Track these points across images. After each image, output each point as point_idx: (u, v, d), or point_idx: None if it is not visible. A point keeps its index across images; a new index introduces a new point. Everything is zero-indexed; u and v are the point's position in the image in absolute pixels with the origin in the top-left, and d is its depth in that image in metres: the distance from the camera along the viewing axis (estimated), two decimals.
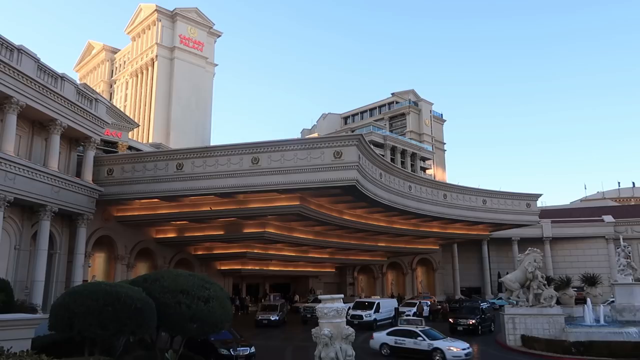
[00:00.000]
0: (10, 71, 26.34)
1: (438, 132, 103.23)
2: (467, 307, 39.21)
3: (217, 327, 17.59)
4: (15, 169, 27.14)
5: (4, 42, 25.98)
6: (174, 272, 18.48)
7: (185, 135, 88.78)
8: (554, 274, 57.06)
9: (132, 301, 14.98)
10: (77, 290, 15.96)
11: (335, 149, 32.18)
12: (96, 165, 35.91)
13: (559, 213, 76.06)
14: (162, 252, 44.80)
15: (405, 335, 26.54)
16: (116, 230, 39.89)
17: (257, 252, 47.47)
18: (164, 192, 35.15)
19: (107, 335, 14.94)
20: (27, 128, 30.40)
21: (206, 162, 34.10)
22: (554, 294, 30.07)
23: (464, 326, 34.91)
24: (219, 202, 36.73)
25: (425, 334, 26.06)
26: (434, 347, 24.96)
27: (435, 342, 25.33)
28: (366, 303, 41.15)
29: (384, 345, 27.01)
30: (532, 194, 56.13)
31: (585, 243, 70.39)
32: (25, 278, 29.79)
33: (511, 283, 30.66)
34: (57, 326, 15.17)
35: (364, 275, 70.80)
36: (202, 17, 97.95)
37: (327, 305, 15.57)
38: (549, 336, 27.63)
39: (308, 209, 37.29)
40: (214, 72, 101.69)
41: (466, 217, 51.16)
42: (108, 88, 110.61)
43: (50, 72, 29.85)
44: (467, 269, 71.08)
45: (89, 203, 34.20)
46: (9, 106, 27.00)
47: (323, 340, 14.98)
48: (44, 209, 29.91)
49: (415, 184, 45.37)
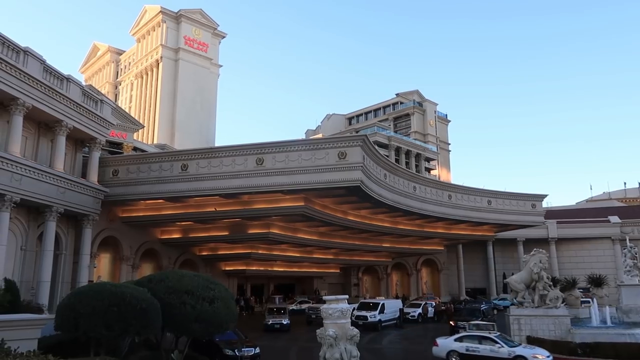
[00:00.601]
0: (17, 73, 26.50)
1: (442, 132, 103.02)
2: (467, 309, 38.38)
3: (222, 327, 17.60)
4: (22, 170, 27.29)
5: (10, 44, 26.14)
6: (178, 273, 18.50)
7: (190, 136, 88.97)
8: (560, 275, 56.82)
9: (137, 302, 15.01)
10: (82, 290, 16.02)
11: (340, 150, 32.18)
12: (101, 166, 36.07)
13: (564, 214, 75.71)
14: (167, 252, 44.93)
15: (479, 341, 24.38)
16: (121, 231, 40.04)
17: (261, 253, 47.56)
18: (168, 193, 35.27)
19: (112, 335, 14.98)
20: (33, 129, 30.56)
21: (211, 163, 34.18)
22: (560, 295, 29.92)
23: None
24: (223, 202, 36.80)
25: (504, 341, 24.23)
26: (517, 355, 22.96)
27: (516, 350, 23.44)
28: (371, 304, 41.05)
29: (452, 352, 24.76)
30: (538, 195, 55.92)
31: (591, 244, 70.05)
32: (31, 278, 29.94)
33: (516, 284, 30.51)
34: (62, 326, 15.23)
35: (369, 275, 70.74)
36: (206, 19, 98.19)
37: (331, 306, 15.54)
38: (555, 337, 27.47)
39: (312, 210, 37.30)
40: (218, 73, 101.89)
41: (471, 217, 51.03)
42: (113, 89, 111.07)
43: (56, 74, 30.00)
44: (472, 269, 70.90)
45: (94, 204, 34.35)
46: (15, 107, 27.16)
47: (328, 341, 14.96)
48: (50, 209, 30.06)
49: (420, 184, 45.30)
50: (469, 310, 37.88)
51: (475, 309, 38.28)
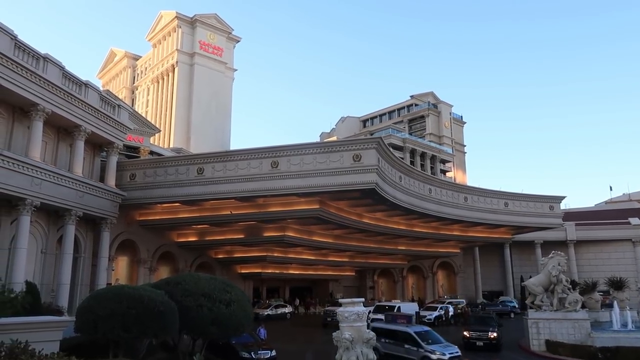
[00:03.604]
0: (37, 79, 26.99)
1: (458, 134, 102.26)
2: (477, 318, 33.97)
3: (238, 330, 17.72)
4: (42, 174, 27.76)
5: (30, 51, 26.65)
6: (195, 276, 18.67)
7: (206, 139, 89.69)
8: (579, 278, 55.93)
9: (155, 304, 15.17)
10: (101, 293, 16.27)
11: (355, 152, 32.16)
12: (119, 170, 36.53)
13: (583, 215, 74.45)
14: (184, 255, 45.29)
15: None
16: (138, 234, 40.47)
17: (276, 256, 47.64)
18: (185, 196, 35.58)
19: (130, 337, 15.16)
20: (52, 134, 31.09)
21: (226, 167, 34.41)
22: (579, 298, 29.49)
23: (484, 341, 29.73)
24: (239, 205, 36.99)
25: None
26: None
27: None
28: (387, 307, 40.85)
29: None
30: (555, 196, 55.14)
31: (611, 246, 68.80)
32: (51, 281, 30.41)
33: (534, 287, 30.14)
34: (82, 328, 15.47)
35: (384, 278, 70.42)
36: (221, 23, 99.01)
37: (347, 309, 15.52)
38: (574, 341, 27.08)
39: (327, 213, 37.30)
40: (233, 76, 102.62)
41: (487, 220, 50.52)
42: (130, 94, 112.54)
43: (75, 80, 30.50)
44: (489, 272, 70.12)
45: (112, 207, 34.78)
46: (35, 113, 27.65)
47: (344, 344, 14.94)
48: (69, 213, 30.51)
49: (435, 186, 45.02)
50: (480, 319, 33.01)
51: (488, 317, 33.57)
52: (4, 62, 24.61)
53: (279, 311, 49.27)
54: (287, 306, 51.62)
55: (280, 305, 51.23)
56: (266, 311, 48.03)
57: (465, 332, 30.87)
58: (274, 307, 49.90)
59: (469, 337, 30.14)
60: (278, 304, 51.39)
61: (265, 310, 48.46)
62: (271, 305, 50.35)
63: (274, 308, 49.78)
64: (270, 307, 49.68)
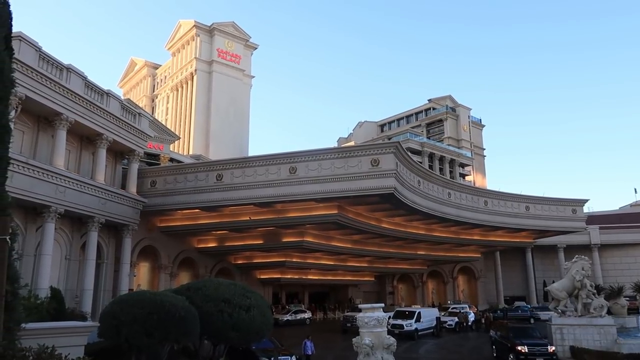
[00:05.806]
0: (60, 89, 27.67)
1: (477, 137, 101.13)
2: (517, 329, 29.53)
3: (259, 335, 17.75)
4: (66, 182, 28.39)
5: (54, 62, 27.35)
6: (215, 281, 18.77)
7: (224, 146, 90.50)
8: (604, 283, 54.76)
9: (176, 309, 15.31)
10: (123, 298, 16.47)
11: (373, 157, 32.13)
12: (140, 177, 37.11)
13: (607, 219, 72.87)
14: (204, 261, 45.70)
15: None
16: (159, 240, 41.00)
17: (295, 261, 47.75)
18: (204, 203, 35.95)
19: (152, 342, 15.31)
20: (75, 143, 31.78)
21: (245, 173, 34.69)
22: (605, 303, 28.81)
23: (545, 356, 25.99)
24: (257, 211, 37.21)
25: None
26: None
27: None
28: (407, 312, 40.47)
29: None
30: (578, 200, 54.19)
31: (636, 250, 67.27)
32: (75, 287, 31.00)
33: (558, 292, 29.55)
34: (105, 334, 15.68)
35: (404, 284, 69.92)
36: (238, 31, 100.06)
37: (367, 315, 15.47)
38: (600, 348, 26.44)
39: (346, 218, 37.26)
40: (251, 83, 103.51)
41: (508, 224, 49.88)
42: (150, 102, 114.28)
43: (97, 89, 31.18)
44: (510, 277, 69.05)
45: (133, 214, 35.33)
46: (59, 122, 28.33)
47: (364, 350, 14.88)
48: (92, 220, 31.11)
49: (455, 190, 44.65)
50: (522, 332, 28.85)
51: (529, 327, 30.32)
52: (30, 74, 25.30)
53: (299, 317, 49.41)
54: (306, 312, 51.62)
55: (299, 310, 51.27)
56: (286, 316, 48.11)
57: (519, 346, 26.33)
58: (293, 313, 49.92)
59: (527, 352, 26.06)
60: (297, 310, 51.42)
61: (284, 315, 48.53)
62: (290, 311, 50.42)
63: (294, 314, 49.81)
64: (290, 313, 49.70)
